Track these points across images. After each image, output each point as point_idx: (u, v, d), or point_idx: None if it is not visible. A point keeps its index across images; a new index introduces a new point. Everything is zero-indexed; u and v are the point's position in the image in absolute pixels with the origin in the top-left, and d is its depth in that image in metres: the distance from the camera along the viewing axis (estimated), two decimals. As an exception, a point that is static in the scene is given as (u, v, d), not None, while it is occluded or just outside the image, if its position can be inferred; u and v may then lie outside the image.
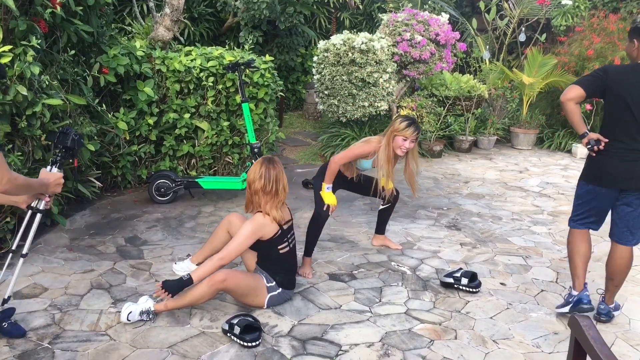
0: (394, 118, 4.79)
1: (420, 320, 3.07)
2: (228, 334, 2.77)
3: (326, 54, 6.98)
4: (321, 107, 7.40)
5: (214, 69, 5.24)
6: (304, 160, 7.04)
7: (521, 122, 8.44)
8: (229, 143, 5.49)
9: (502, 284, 3.58)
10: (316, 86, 7.31)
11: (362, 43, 6.70)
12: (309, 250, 3.66)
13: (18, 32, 3.57)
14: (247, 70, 5.26)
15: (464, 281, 3.41)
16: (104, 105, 4.70)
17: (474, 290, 3.41)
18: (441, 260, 3.95)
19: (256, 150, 4.91)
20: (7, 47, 3.45)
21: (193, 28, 8.40)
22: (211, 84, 5.23)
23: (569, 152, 8.09)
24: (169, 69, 5.16)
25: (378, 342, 2.82)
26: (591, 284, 3.53)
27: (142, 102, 4.98)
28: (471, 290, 3.41)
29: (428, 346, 2.80)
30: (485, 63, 9.32)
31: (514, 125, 8.51)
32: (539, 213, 5.16)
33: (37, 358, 2.56)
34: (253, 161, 4.97)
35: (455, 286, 3.44)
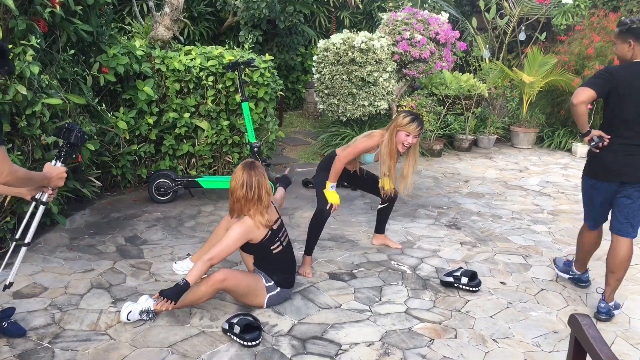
0: (397, 113, 4.78)
1: (420, 319, 3.07)
2: (228, 334, 2.77)
3: (326, 53, 6.98)
4: (321, 107, 7.40)
5: (214, 68, 5.24)
6: (304, 159, 7.04)
7: (521, 121, 8.44)
8: (229, 142, 5.49)
9: (502, 283, 3.58)
10: (316, 85, 7.31)
11: (362, 42, 6.69)
12: (310, 248, 3.65)
13: (17, 32, 3.56)
14: (247, 69, 5.26)
15: (464, 280, 3.41)
16: (104, 104, 4.70)
17: (474, 289, 3.41)
18: (441, 259, 3.95)
19: (256, 149, 4.90)
20: (7, 47, 3.45)
21: (193, 27, 8.40)
22: (211, 84, 5.23)
23: (569, 151, 8.09)
24: (169, 69, 5.16)
25: (378, 342, 2.82)
26: (592, 283, 3.54)
27: (142, 102, 4.98)
28: (471, 289, 3.40)
29: (428, 345, 2.80)
30: (485, 62, 9.31)
31: (514, 124, 8.51)
32: (539, 212, 5.16)
33: (37, 357, 2.56)
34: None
35: (455, 285, 3.44)
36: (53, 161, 2.60)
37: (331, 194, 3.60)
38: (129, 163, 5.16)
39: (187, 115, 5.21)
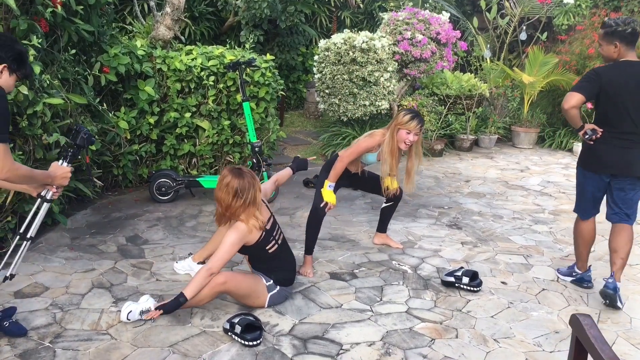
0: (398, 111, 4.78)
1: (421, 319, 3.07)
2: (229, 333, 2.78)
3: (327, 53, 6.97)
4: (322, 106, 7.39)
5: (215, 68, 5.24)
6: (305, 159, 7.04)
7: (522, 121, 8.43)
8: (230, 142, 5.49)
9: (503, 283, 3.58)
10: (317, 85, 7.31)
11: (363, 42, 6.69)
12: (309, 248, 3.65)
13: (19, 32, 3.57)
14: (248, 69, 5.26)
15: (465, 280, 3.41)
16: (105, 104, 4.70)
17: (475, 289, 3.40)
18: (442, 259, 3.95)
19: (257, 149, 4.91)
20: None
21: (194, 27, 8.40)
22: (212, 83, 5.23)
23: (570, 151, 8.08)
24: (170, 68, 5.16)
25: (379, 341, 2.82)
26: (595, 285, 3.54)
27: (143, 101, 4.98)
28: (472, 289, 3.40)
29: (429, 345, 2.80)
30: (486, 62, 9.30)
31: (515, 124, 8.50)
32: (540, 212, 5.16)
33: (39, 357, 2.56)
34: (254, 160, 4.97)
35: (456, 285, 3.44)
36: (60, 160, 2.70)
37: (328, 193, 3.59)
38: (130, 163, 5.16)
39: (188, 115, 5.21)
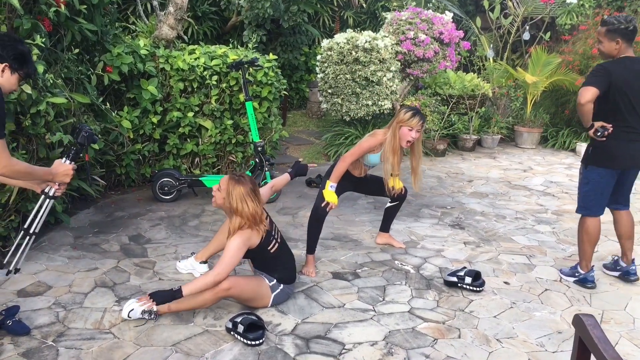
0: (398, 109, 4.79)
1: (423, 319, 3.07)
2: (232, 333, 2.78)
3: (330, 53, 6.97)
4: (325, 106, 7.40)
5: (218, 68, 5.24)
6: (308, 159, 7.04)
7: (525, 121, 8.42)
8: (233, 142, 5.50)
9: (506, 283, 3.57)
10: (320, 85, 7.31)
11: (366, 42, 6.69)
12: (311, 247, 3.65)
13: (22, 31, 3.58)
14: (251, 68, 5.27)
15: (468, 280, 3.41)
16: (108, 103, 4.71)
17: (478, 289, 3.40)
18: (445, 259, 3.94)
19: (260, 148, 4.91)
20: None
21: (197, 27, 8.42)
22: (215, 83, 5.24)
23: (573, 151, 8.06)
24: (173, 68, 5.17)
25: (382, 341, 2.82)
26: (597, 285, 3.53)
27: (146, 101, 4.99)
28: (475, 289, 3.40)
29: (431, 345, 2.80)
30: (489, 62, 9.29)
31: (518, 124, 8.49)
32: (543, 212, 5.15)
33: (42, 356, 2.57)
34: (256, 160, 4.98)
35: (459, 285, 3.43)
36: (63, 159, 2.72)
37: (329, 193, 3.59)
38: (133, 162, 5.17)
39: (191, 114, 5.21)
